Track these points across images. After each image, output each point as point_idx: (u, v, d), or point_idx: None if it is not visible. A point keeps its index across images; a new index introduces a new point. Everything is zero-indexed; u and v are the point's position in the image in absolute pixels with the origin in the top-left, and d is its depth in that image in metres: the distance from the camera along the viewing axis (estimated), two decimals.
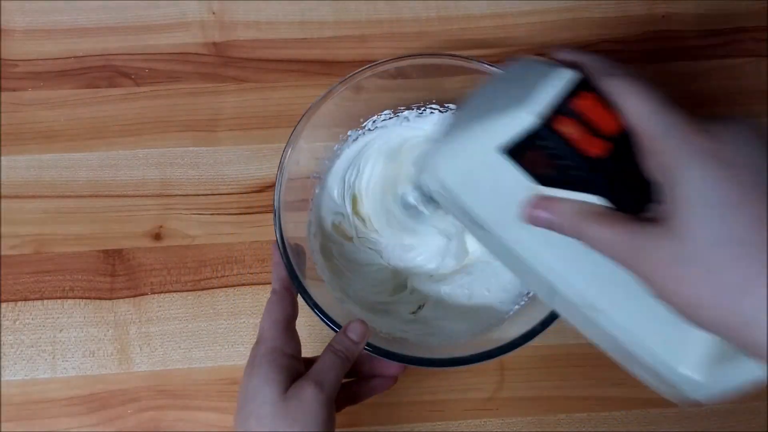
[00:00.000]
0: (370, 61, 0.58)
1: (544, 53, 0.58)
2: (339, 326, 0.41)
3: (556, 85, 0.29)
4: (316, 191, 0.50)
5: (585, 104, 0.28)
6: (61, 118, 0.56)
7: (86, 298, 0.51)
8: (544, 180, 0.30)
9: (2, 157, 0.54)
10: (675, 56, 0.59)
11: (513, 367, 0.52)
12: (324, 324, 0.42)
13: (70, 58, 0.57)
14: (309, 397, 0.36)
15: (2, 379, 0.50)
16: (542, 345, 0.47)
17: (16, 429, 0.49)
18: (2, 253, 0.52)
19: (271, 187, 0.54)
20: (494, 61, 0.58)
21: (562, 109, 0.28)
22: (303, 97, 0.57)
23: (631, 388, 0.51)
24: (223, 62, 0.57)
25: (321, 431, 0.35)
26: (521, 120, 0.29)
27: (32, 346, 0.50)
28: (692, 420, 0.51)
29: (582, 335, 0.35)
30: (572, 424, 0.51)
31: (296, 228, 0.46)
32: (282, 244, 0.43)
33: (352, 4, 0.59)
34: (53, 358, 0.50)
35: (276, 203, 0.44)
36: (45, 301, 0.51)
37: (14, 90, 0.56)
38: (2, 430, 0.49)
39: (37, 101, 0.56)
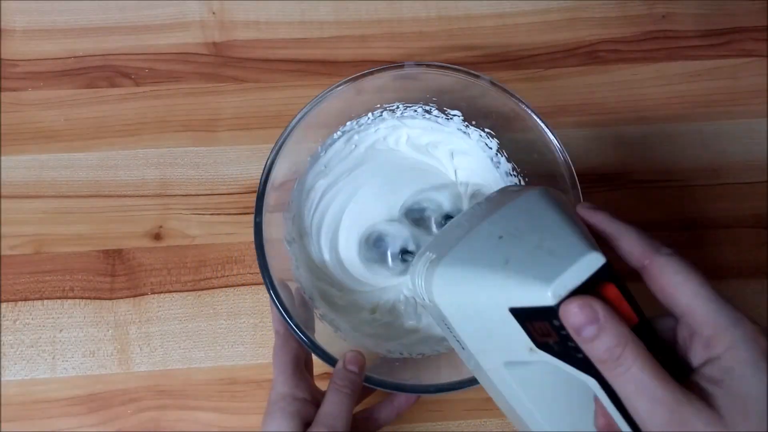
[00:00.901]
0: (369, 61, 0.58)
1: (544, 53, 0.59)
2: (335, 359, 0.41)
3: (584, 270, 0.28)
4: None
5: (608, 294, 0.28)
6: (61, 118, 0.56)
7: (86, 298, 0.51)
8: (546, 347, 0.29)
9: (2, 157, 0.54)
10: (675, 56, 0.59)
11: None
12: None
13: (70, 58, 0.57)
14: None
15: (2, 379, 0.50)
16: None
17: (16, 429, 0.49)
18: (2, 253, 0.52)
19: None
20: (494, 60, 0.58)
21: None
22: (303, 97, 0.56)
23: None
24: (223, 62, 0.57)
25: None
26: (542, 297, 0.27)
27: (32, 346, 0.50)
28: None
29: None
30: None
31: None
32: (270, 282, 0.41)
33: (352, 4, 0.59)
34: (53, 358, 0.50)
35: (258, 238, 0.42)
36: (45, 301, 0.51)
37: (14, 90, 0.56)
38: (2, 430, 0.49)
39: (37, 101, 0.56)
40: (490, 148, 0.49)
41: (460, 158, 0.51)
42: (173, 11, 0.59)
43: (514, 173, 0.49)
